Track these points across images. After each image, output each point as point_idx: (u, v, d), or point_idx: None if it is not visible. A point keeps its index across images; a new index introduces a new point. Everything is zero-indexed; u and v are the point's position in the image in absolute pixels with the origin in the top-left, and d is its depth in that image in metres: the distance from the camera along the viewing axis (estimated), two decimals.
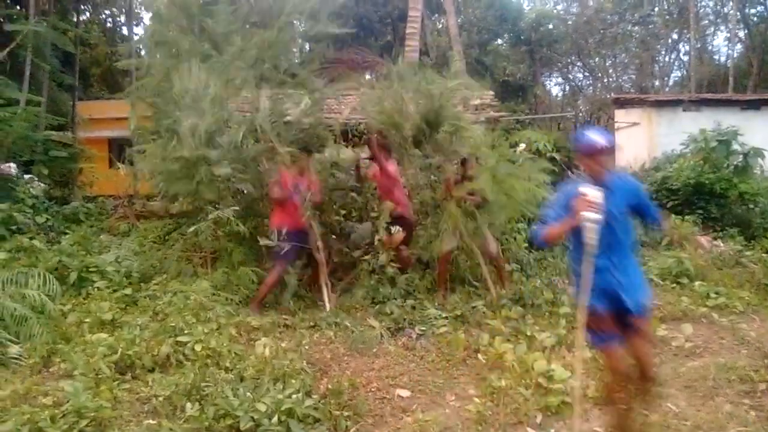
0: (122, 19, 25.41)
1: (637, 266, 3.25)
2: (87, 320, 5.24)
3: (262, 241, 6.12)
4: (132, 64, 7.73)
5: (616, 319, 3.16)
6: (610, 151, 3.14)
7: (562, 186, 3.48)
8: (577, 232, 3.12)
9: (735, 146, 10.15)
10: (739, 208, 10.02)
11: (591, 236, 3.01)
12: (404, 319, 5.57)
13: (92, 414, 3.49)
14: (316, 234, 6.21)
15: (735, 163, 10.05)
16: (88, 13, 22.73)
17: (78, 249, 7.05)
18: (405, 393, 4.17)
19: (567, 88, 36.73)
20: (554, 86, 37.30)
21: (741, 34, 29.07)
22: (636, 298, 3.13)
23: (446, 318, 5.59)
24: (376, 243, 6.41)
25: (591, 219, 2.98)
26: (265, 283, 6.05)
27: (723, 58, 31.69)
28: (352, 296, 6.28)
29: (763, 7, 29.01)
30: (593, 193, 3.00)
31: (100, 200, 12.10)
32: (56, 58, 14.69)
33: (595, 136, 3.13)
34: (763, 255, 7.48)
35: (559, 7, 33.53)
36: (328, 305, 5.95)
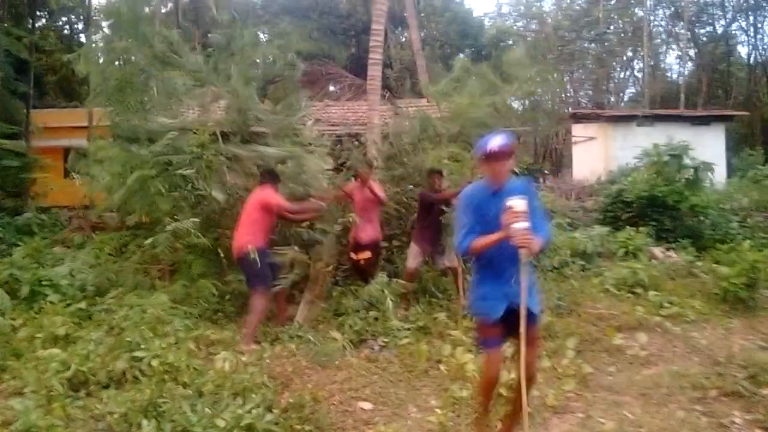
0: (80, 26, 24.89)
1: (533, 274, 3.27)
2: (39, 335, 5.07)
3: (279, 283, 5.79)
4: (86, 71, 7.55)
5: (509, 324, 3.20)
6: (507, 155, 3.16)
7: (463, 192, 3.47)
8: (486, 231, 3.16)
9: (686, 160, 10.51)
10: (691, 220, 10.36)
11: (523, 245, 3.01)
12: (367, 331, 5.56)
13: None
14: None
15: (686, 176, 10.40)
16: (44, 20, 22.20)
17: (30, 261, 6.83)
18: (367, 405, 4.15)
19: (526, 102, 37.49)
20: (514, 101, 37.99)
21: (691, 52, 30.26)
22: (532, 306, 3.15)
23: (409, 329, 5.60)
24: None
25: (521, 229, 3.00)
26: (253, 312, 5.49)
27: (675, 75, 32.96)
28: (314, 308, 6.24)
29: (712, 27, 30.30)
30: (518, 203, 3.03)
31: (54, 211, 11.76)
32: (10, 64, 14.28)
33: (493, 141, 3.14)
34: (714, 266, 7.74)
35: (518, 24, 34.33)
36: (300, 319, 5.87)
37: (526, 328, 3.09)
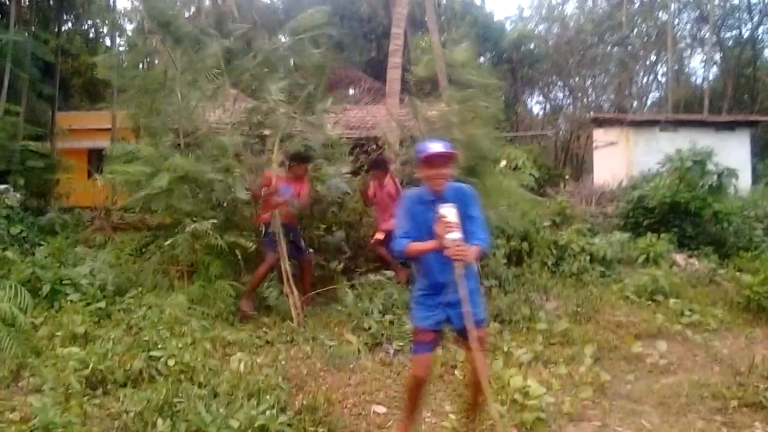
0: (105, 29, 25.30)
1: (475, 279, 3.25)
2: (58, 334, 5.13)
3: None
4: (111, 75, 7.68)
5: (456, 332, 3.30)
6: (445, 160, 3.14)
7: (403, 196, 3.45)
8: (422, 237, 3.17)
9: (710, 166, 10.34)
10: (714, 227, 10.20)
11: (456, 257, 2.97)
12: (382, 335, 5.55)
13: (60, 430, 3.41)
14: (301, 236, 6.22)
15: (710, 182, 10.23)
16: (70, 24, 22.61)
17: (52, 261, 6.93)
18: (381, 409, 4.14)
19: (547, 107, 37.30)
20: (535, 105, 37.85)
21: (717, 57, 29.80)
22: (474, 312, 3.12)
23: None
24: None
25: (453, 239, 2.97)
26: (254, 279, 6.17)
27: (699, 80, 32.47)
28: (330, 310, 6.26)
29: (738, 31, 29.81)
30: (449, 212, 3.01)
31: (76, 211, 11.92)
32: (36, 67, 14.58)
33: (432, 145, 3.13)
34: (736, 273, 7.60)
35: (540, 28, 34.13)
36: (295, 319, 5.89)
37: (474, 334, 3.11)
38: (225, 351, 5.04)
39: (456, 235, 2.98)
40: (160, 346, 4.59)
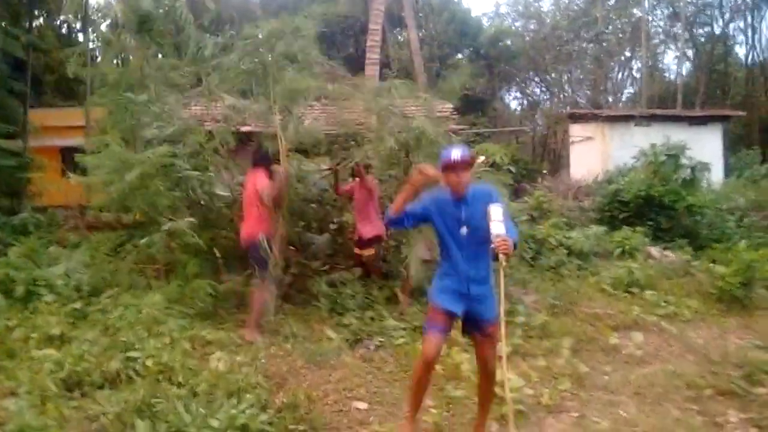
0: (78, 25, 24.82)
1: (491, 278, 3.34)
2: (33, 335, 5.04)
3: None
4: (83, 71, 7.54)
5: (467, 326, 3.38)
6: (466, 166, 3.26)
7: (431, 194, 3.48)
8: (445, 241, 3.32)
9: (683, 160, 10.53)
10: (687, 220, 10.38)
11: (502, 251, 3.02)
12: (363, 331, 5.56)
13: None
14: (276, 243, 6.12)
15: (683, 176, 10.41)
16: (42, 19, 22.12)
17: (26, 261, 6.79)
18: (362, 405, 4.14)
19: (525, 102, 37.58)
20: (513, 100, 38.08)
21: (689, 53, 30.31)
22: (488, 308, 3.29)
23: (404, 329, 5.60)
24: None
25: (498, 234, 3.03)
26: (256, 301, 5.62)
27: (673, 76, 32.97)
28: (311, 308, 6.24)
29: (710, 27, 30.33)
30: (496, 210, 3.12)
31: (50, 211, 11.71)
32: (6, 64, 14.22)
33: (454, 152, 3.25)
34: (710, 265, 7.75)
35: (517, 24, 34.33)
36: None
37: (483, 330, 3.31)
38: (204, 350, 4.99)
39: (501, 229, 3.05)
40: (137, 346, 4.54)
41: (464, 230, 3.25)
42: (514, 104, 38.32)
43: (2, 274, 6.17)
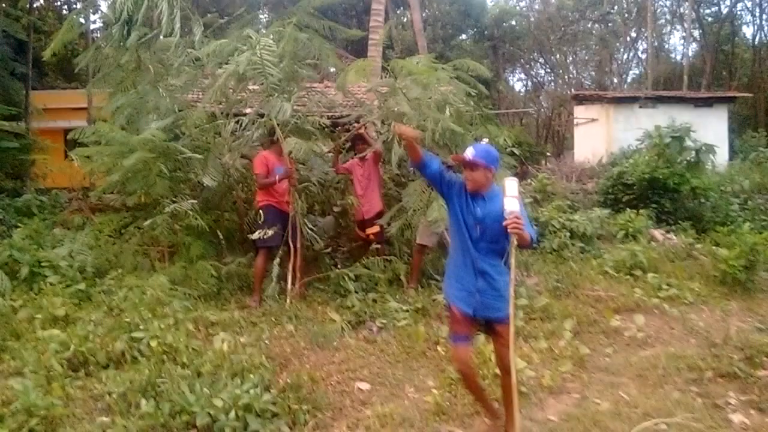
0: (78, 5, 24.62)
1: (505, 277, 3.24)
2: (38, 316, 5.09)
3: (253, 235, 6.03)
4: (87, 59, 7.50)
5: (478, 321, 3.33)
6: (474, 166, 3.19)
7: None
8: (458, 230, 3.27)
9: (688, 142, 10.45)
10: (691, 203, 10.34)
11: (514, 229, 2.99)
12: (365, 313, 5.58)
13: (43, 412, 3.40)
14: (298, 219, 6.15)
15: (688, 158, 10.34)
16: (42, 0, 21.98)
17: (30, 243, 6.82)
18: (365, 386, 4.18)
19: (529, 84, 37.28)
20: (517, 82, 37.78)
21: (696, 33, 29.94)
22: (499, 307, 3.22)
23: (407, 311, 5.62)
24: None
25: (512, 211, 2.99)
26: (255, 275, 6.05)
27: (678, 57, 32.61)
28: (314, 290, 6.27)
29: (717, 7, 29.93)
30: (511, 186, 3.08)
31: (53, 193, 11.72)
32: (8, 45, 14.16)
33: (470, 149, 3.23)
34: (713, 248, 7.74)
35: (521, 4, 33.95)
36: (288, 298, 5.91)
37: (495, 328, 3.27)
38: (208, 331, 5.04)
39: (515, 206, 3.01)
40: (141, 327, 4.57)
41: (477, 229, 3.19)
42: (518, 86, 38.07)
43: (6, 256, 6.20)
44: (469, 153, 3.21)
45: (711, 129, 15.65)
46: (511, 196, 3.04)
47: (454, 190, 3.30)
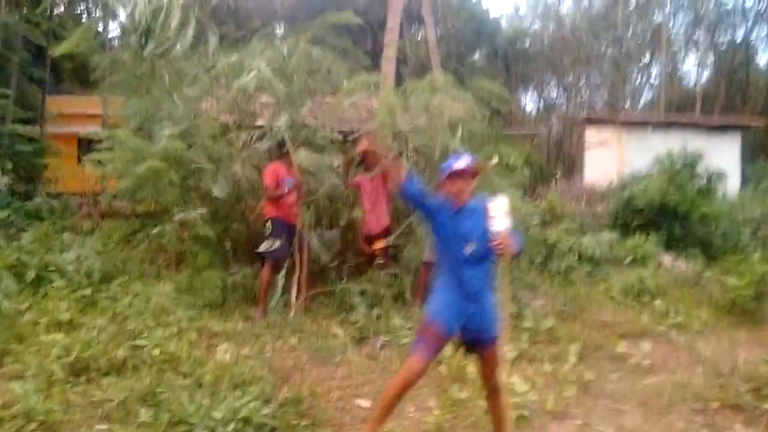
0: (97, 13, 25.00)
1: (492, 295, 3.21)
2: (43, 320, 5.10)
3: (260, 247, 6.03)
4: (99, 61, 7.60)
5: (462, 342, 3.30)
6: (471, 175, 3.21)
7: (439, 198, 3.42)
8: (444, 249, 3.25)
9: (699, 169, 10.40)
10: (701, 230, 10.26)
11: (498, 248, 3.00)
12: (369, 329, 5.55)
13: (42, 417, 3.40)
14: (305, 232, 6.15)
15: (698, 185, 10.29)
16: (63, 7, 22.33)
17: (38, 246, 6.88)
18: (365, 403, 4.15)
19: (541, 104, 37.29)
20: (529, 102, 37.81)
21: (710, 59, 29.91)
22: (488, 328, 3.18)
23: (411, 328, 5.57)
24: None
25: (498, 232, 2.99)
26: (259, 288, 6.00)
27: (692, 83, 32.53)
28: (318, 303, 6.25)
29: (732, 34, 29.92)
30: (499, 204, 3.07)
31: (64, 197, 11.83)
32: (27, 51, 14.38)
33: (459, 160, 3.22)
34: (722, 276, 7.66)
35: (535, 26, 34.11)
36: (293, 310, 5.89)
37: (484, 349, 3.22)
38: (211, 341, 5.03)
39: (501, 226, 3.00)
40: (145, 334, 4.58)
41: (466, 246, 3.15)
42: (530, 106, 38.08)
43: (14, 259, 6.24)
44: (463, 163, 3.18)
45: (723, 155, 15.57)
46: (499, 215, 3.04)
47: (441, 209, 3.27)
